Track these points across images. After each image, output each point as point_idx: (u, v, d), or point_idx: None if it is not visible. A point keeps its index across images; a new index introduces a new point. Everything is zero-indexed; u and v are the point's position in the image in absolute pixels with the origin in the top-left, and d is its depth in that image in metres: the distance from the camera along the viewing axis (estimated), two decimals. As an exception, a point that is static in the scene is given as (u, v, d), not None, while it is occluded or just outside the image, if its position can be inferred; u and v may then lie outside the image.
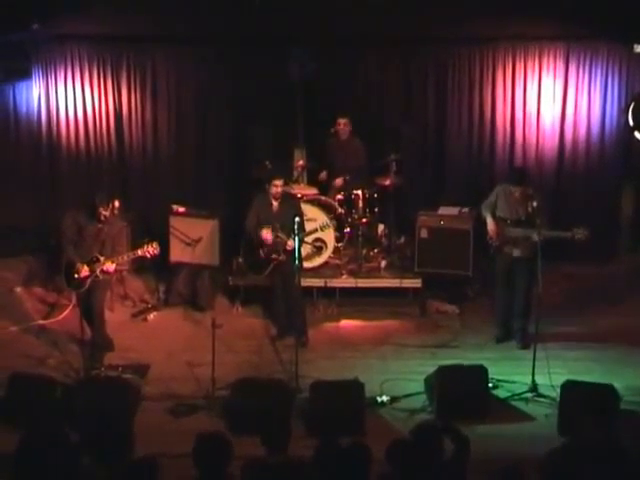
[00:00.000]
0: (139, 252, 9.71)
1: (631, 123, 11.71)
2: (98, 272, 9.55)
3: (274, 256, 10.24)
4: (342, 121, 12.06)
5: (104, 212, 9.60)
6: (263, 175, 11.84)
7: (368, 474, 5.80)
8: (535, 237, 9.63)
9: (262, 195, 10.54)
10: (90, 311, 9.84)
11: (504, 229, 10.15)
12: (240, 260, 11.25)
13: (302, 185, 12.34)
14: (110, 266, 9.56)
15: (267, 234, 10.22)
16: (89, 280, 9.56)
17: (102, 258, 9.53)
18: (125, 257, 9.77)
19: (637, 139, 11.73)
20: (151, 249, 9.67)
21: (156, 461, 5.84)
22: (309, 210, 11.17)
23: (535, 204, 9.79)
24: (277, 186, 10.31)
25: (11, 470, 5.85)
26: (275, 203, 10.38)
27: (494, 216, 10.26)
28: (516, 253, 10.12)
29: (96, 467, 5.86)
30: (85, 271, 9.53)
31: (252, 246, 10.47)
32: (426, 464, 5.80)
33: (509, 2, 11.14)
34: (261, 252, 10.37)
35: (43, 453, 5.81)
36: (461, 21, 11.33)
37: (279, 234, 10.23)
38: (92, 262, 9.54)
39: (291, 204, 10.50)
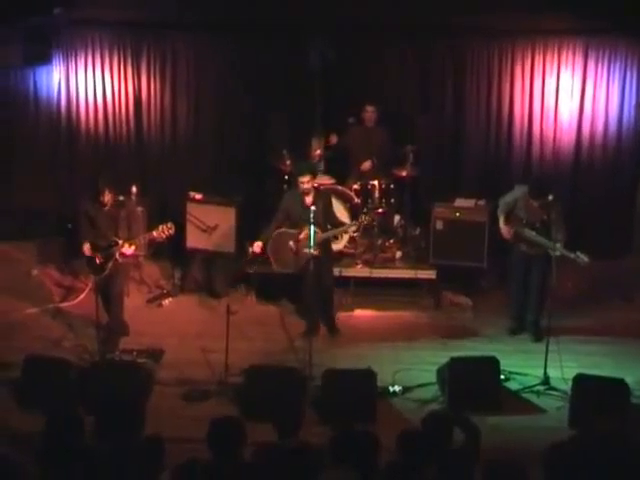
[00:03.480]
0: (154, 233, 9.69)
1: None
2: (117, 255, 9.60)
3: (304, 250, 10.01)
4: (370, 108, 12.03)
5: (107, 196, 9.58)
6: (280, 164, 11.93)
7: (376, 462, 5.86)
8: (549, 246, 9.69)
9: (292, 191, 10.55)
10: (108, 295, 9.89)
11: (519, 228, 10.16)
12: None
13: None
14: (128, 249, 9.56)
15: (257, 247, 10.21)
16: (109, 265, 9.62)
17: (120, 241, 9.57)
18: (141, 239, 9.80)
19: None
20: (166, 229, 9.64)
21: (161, 440, 5.90)
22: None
23: (553, 215, 9.82)
24: (303, 183, 10.13)
25: (32, 449, 5.95)
26: (307, 198, 10.25)
27: (509, 215, 10.26)
28: (530, 251, 10.15)
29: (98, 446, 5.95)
30: (99, 258, 9.59)
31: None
32: (436, 453, 5.84)
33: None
34: (292, 246, 10.27)
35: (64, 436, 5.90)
36: (480, 14, 11.31)
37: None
38: (110, 247, 9.59)
39: (323, 199, 10.41)
